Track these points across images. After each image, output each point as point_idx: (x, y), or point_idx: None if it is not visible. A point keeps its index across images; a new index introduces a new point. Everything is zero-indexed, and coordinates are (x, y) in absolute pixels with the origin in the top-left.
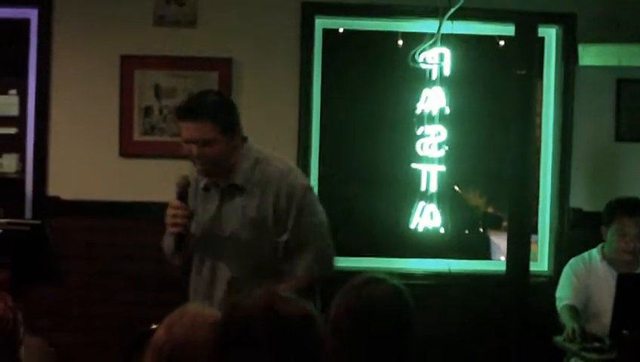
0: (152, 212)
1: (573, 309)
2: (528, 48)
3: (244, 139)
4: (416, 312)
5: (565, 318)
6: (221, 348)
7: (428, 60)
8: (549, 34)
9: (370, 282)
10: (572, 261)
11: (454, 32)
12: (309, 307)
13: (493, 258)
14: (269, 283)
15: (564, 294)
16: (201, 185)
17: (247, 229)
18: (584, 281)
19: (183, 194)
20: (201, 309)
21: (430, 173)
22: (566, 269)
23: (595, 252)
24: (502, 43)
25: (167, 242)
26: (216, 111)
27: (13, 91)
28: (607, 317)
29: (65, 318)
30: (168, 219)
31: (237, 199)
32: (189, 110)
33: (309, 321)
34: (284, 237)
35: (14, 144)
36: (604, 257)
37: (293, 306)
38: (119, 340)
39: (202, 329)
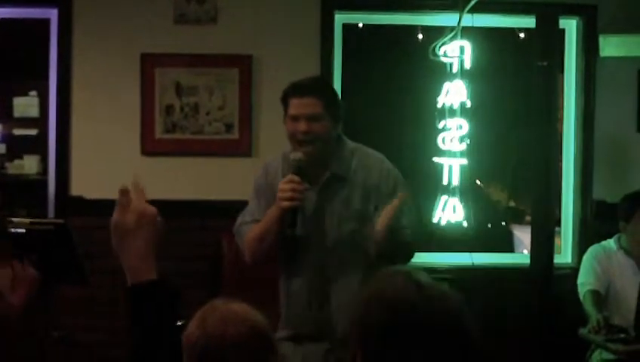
0: (175, 210)
1: (596, 295)
2: (549, 40)
3: (339, 136)
4: None
5: (589, 307)
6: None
7: (448, 53)
8: (570, 25)
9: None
10: (591, 248)
11: (474, 25)
12: (458, 298)
13: (516, 251)
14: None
15: (586, 279)
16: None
17: (352, 222)
18: (605, 266)
19: (299, 171)
20: (231, 304)
21: (452, 167)
22: (587, 256)
23: (612, 242)
24: (522, 35)
25: (261, 228)
26: (325, 90)
27: (34, 92)
28: (628, 304)
29: (90, 317)
30: (285, 194)
31: (339, 192)
32: (302, 86)
33: (457, 312)
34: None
35: (35, 145)
36: (620, 247)
37: (445, 302)
38: None
39: (234, 324)
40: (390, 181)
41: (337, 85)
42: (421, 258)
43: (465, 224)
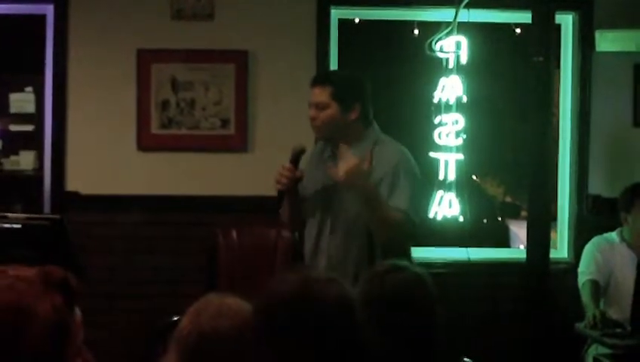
0: (171, 205)
1: (595, 285)
2: (545, 35)
3: (369, 123)
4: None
5: (586, 298)
6: (259, 336)
7: (444, 49)
8: (566, 21)
9: (393, 270)
10: (594, 239)
11: (471, 21)
12: (346, 291)
13: (512, 246)
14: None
15: (587, 269)
16: (327, 153)
17: (357, 201)
18: (607, 258)
19: (295, 159)
20: (225, 299)
21: (448, 162)
22: (589, 246)
23: (614, 234)
24: (518, 31)
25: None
26: (336, 81)
27: (30, 88)
28: (628, 296)
29: (88, 313)
30: (276, 176)
31: None
32: (316, 77)
33: (345, 306)
34: None
35: (31, 141)
36: (622, 239)
37: (327, 291)
38: (142, 333)
39: (227, 318)
40: (397, 172)
41: None
42: (417, 253)
43: (461, 219)
